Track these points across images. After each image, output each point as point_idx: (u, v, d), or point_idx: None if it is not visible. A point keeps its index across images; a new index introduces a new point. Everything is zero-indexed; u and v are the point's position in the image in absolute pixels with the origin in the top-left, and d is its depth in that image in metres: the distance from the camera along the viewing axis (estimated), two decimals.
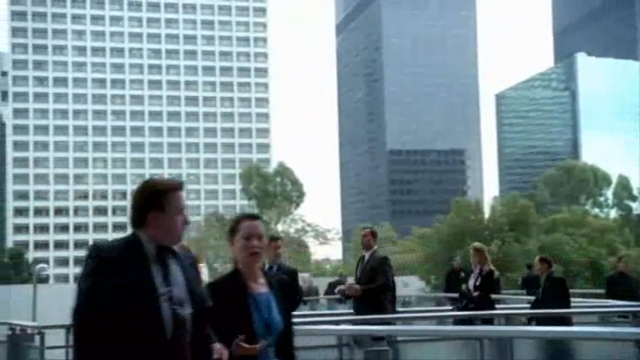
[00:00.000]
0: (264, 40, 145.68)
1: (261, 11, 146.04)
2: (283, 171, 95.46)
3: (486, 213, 44.56)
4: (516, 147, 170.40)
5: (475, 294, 9.81)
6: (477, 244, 10.65)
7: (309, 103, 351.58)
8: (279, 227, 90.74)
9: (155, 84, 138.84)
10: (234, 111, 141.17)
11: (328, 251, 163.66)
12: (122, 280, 2.79)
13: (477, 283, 9.89)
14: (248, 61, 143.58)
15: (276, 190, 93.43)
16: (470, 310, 9.57)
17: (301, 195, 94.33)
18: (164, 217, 2.97)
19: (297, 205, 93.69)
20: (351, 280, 10.16)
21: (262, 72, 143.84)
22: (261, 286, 3.63)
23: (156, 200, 2.97)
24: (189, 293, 2.96)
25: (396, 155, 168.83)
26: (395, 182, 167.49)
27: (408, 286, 46.61)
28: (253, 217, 3.73)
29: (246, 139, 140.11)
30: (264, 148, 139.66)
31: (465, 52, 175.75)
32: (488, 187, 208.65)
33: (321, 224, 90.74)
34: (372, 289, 8.32)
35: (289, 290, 7.34)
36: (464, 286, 10.26)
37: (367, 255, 8.61)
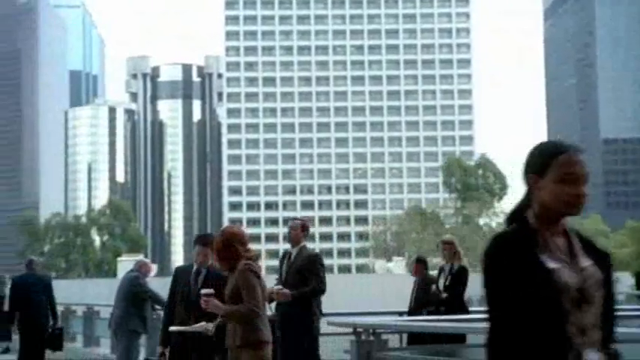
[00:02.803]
0: (467, 30, 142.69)
1: (464, 0, 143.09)
2: (485, 163, 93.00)
3: None
4: None
5: (444, 295, 8.32)
6: (447, 236, 8.88)
7: (515, 93, 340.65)
8: (481, 221, 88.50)
9: (358, 80, 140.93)
10: (436, 104, 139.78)
11: None
12: None
13: (447, 283, 8.35)
14: (450, 52, 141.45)
15: (478, 182, 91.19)
16: (440, 314, 8.01)
17: (504, 188, 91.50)
18: None
19: (500, 198, 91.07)
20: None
21: (465, 63, 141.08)
22: None
23: None
24: None
25: (610, 144, 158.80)
26: (609, 173, 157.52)
27: (619, 282, 43.32)
28: None
29: (449, 132, 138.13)
30: (467, 140, 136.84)
31: None
32: None
33: None
34: (304, 295, 6.94)
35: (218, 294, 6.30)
36: (434, 287, 8.61)
37: (294, 252, 7.18)
